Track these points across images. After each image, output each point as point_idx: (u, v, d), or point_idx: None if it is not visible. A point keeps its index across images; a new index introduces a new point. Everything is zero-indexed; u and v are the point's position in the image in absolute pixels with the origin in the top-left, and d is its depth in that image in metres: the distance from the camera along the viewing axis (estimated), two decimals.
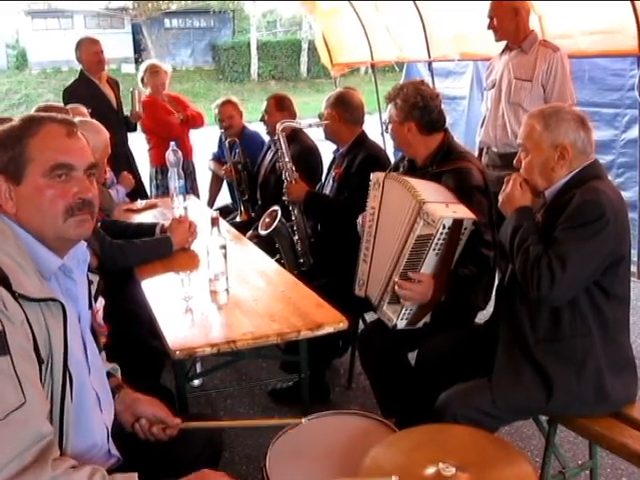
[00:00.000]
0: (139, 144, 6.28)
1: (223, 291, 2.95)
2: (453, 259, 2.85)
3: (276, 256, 4.06)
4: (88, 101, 4.90)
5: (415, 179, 2.98)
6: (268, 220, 4.07)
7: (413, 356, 3.07)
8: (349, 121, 4.01)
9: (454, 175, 3.03)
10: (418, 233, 2.73)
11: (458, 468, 1.72)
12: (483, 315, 3.13)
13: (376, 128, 4.39)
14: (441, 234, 2.70)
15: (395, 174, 3.13)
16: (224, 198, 6.31)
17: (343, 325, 2.62)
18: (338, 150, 4.16)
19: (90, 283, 2.02)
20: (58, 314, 1.68)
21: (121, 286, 3.34)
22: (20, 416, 1.50)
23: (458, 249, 2.83)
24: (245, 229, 4.68)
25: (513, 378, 2.46)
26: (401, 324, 2.93)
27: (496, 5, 4.61)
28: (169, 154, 4.70)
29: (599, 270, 2.34)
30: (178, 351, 2.41)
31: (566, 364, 2.40)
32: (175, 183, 4.54)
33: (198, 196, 6.03)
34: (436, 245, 2.74)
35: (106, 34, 24.84)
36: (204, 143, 7.18)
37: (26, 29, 30.81)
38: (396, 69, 9.03)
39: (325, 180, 4.29)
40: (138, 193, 5.45)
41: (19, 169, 1.72)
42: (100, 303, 2.14)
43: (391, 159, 4.16)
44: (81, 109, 4.38)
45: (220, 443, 2.34)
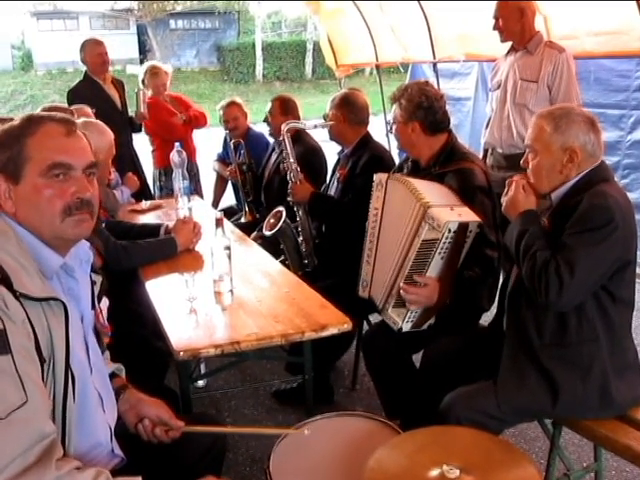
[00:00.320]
0: (142, 146, 6.28)
1: (227, 292, 2.95)
2: (458, 262, 2.84)
3: (281, 257, 4.06)
4: (92, 102, 4.92)
5: (418, 180, 2.96)
6: (273, 221, 4.06)
7: (417, 358, 3.07)
8: (354, 122, 4.00)
9: (457, 175, 3.02)
10: (423, 237, 2.71)
11: (462, 470, 1.71)
12: (487, 316, 3.12)
13: (381, 129, 4.37)
14: (446, 238, 2.68)
15: (398, 175, 3.12)
16: (229, 199, 6.31)
17: (347, 326, 2.62)
18: (343, 151, 4.15)
19: (93, 283, 2.02)
20: (60, 313, 1.68)
21: (125, 286, 3.33)
22: (22, 415, 1.50)
23: (463, 252, 2.82)
24: (250, 230, 4.67)
25: (518, 382, 2.44)
26: (406, 327, 2.92)
27: (502, 6, 4.60)
28: (174, 155, 4.70)
29: (607, 275, 2.32)
30: (182, 352, 2.41)
31: (572, 369, 2.39)
32: (180, 184, 4.54)
33: (202, 197, 6.04)
34: (441, 249, 2.72)
35: (111, 35, 24.94)
36: (209, 144, 7.18)
37: (32, 30, 30.89)
38: (401, 70, 9.00)
39: (330, 181, 4.29)
40: (143, 194, 5.45)
41: (17, 169, 1.72)
42: (104, 303, 2.13)
43: (396, 160, 4.15)
44: (86, 110, 4.39)
45: (224, 445, 2.34)
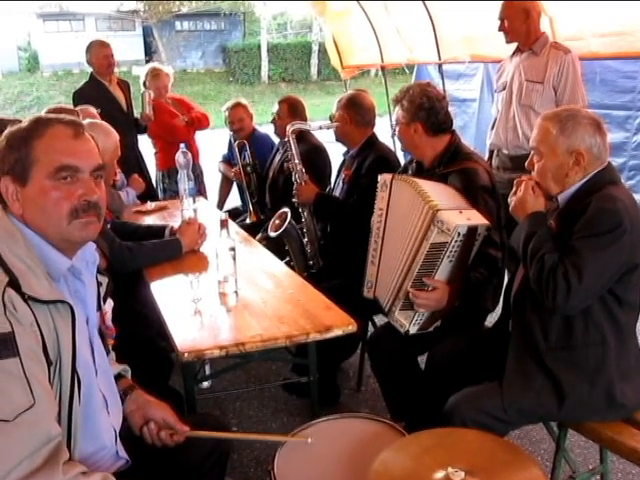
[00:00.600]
0: (145, 148, 6.27)
1: (232, 293, 2.95)
2: (467, 264, 2.83)
3: (286, 258, 4.06)
4: (98, 103, 4.93)
5: (424, 180, 2.96)
6: (278, 222, 4.06)
7: (422, 359, 3.06)
8: (360, 123, 4.00)
9: (460, 175, 3.03)
10: (432, 241, 2.70)
11: (467, 472, 1.71)
12: (492, 317, 3.12)
13: (386, 130, 4.36)
14: (456, 242, 2.67)
15: (403, 175, 3.12)
16: (234, 200, 6.31)
17: (352, 328, 2.61)
18: (348, 152, 4.15)
19: (99, 285, 2.02)
20: (67, 316, 1.68)
21: (130, 287, 3.33)
22: (29, 417, 1.50)
23: (471, 255, 2.81)
24: (255, 231, 4.67)
25: (524, 384, 2.43)
26: (413, 330, 2.92)
27: (507, 7, 4.59)
28: (179, 156, 4.70)
29: (614, 278, 2.31)
30: (187, 353, 2.41)
31: (578, 372, 2.38)
32: (185, 185, 4.53)
33: (206, 198, 6.03)
34: (450, 253, 2.71)
35: (117, 36, 25.01)
36: (214, 145, 7.18)
37: (38, 32, 30.95)
38: (406, 71, 9.01)
39: (335, 182, 4.29)
40: (148, 195, 5.45)
41: (25, 170, 1.72)
42: (109, 305, 2.13)
43: (401, 161, 4.15)
44: (91, 110, 4.40)
45: (228, 445, 2.34)
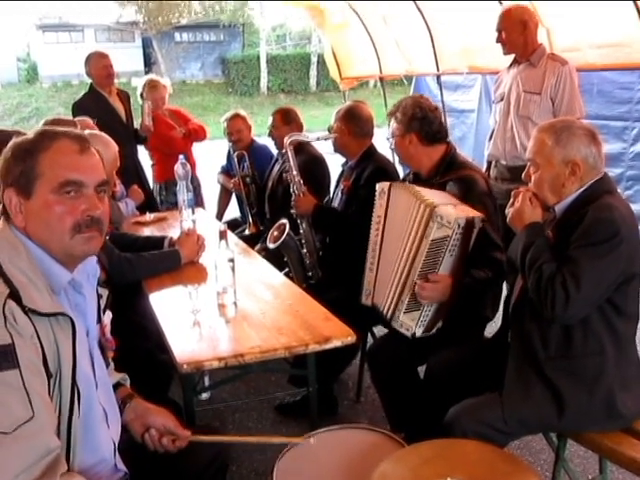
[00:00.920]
0: (143, 160, 6.27)
1: (231, 304, 2.95)
2: (466, 258, 2.86)
3: (285, 269, 4.06)
4: (97, 114, 4.92)
5: (419, 187, 3.01)
6: (276, 233, 4.07)
7: (422, 370, 3.06)
8: (358, 134, 4.01)
9: (459, 184, 3.07)
10: (432, 237, 2.74)
11: None
12: (492, 328, 3.12)
13: (385, 141, 4.37)
14: (456, 234, 2.72)
15: (400, 182, 3.16)
16: (233, 211, 6.32)
17: (351, 339, 2.61)
18: (347, 163, 4.16)
19: (99, 297, 2.02)
20: (67, 329, 1.68)
21: (129, 299, 3.33)
22: (28, 430, 1.50)
23: (469, 248, 2.84)
24: (254, 242, 4.68)
25: (523, 394, 2.43)
26: (419, 331, 2.94)
27: (505, 18, 4.62)
28: (178, 167, 4.69)
29: (612, 288, 2.32)
30: (186, 365, 2.41)
31: (577, 382, 2.38)
32: (184, 196, 4.53)
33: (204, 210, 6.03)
34: (452, 247, 2.76)
35: (117, 48, 25.08)
36: (213, 156, 7.19)
37: (37, 43, 31.05)
38: (405, 82, 9.04)
39: (334, 193, 4.30)
40: (148, 206, 5.44)
41: (29, 183, 1.72)
42: (108, 317, 2.13)
43: (400, 174, 4.16)
44: (89, 122, 4.40)
45: (227, 457, 2.34)
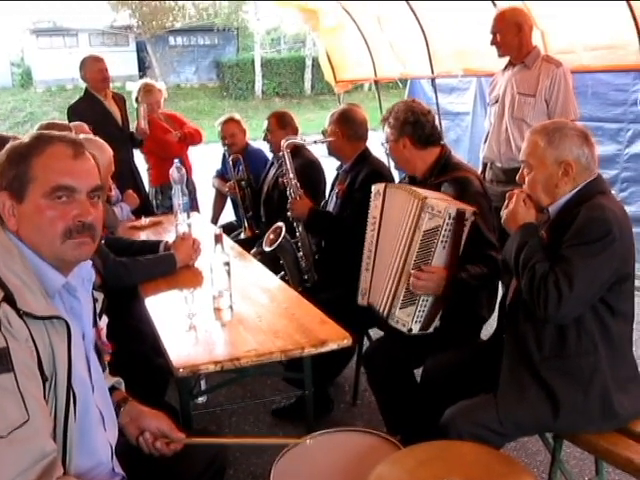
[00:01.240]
0: (138, 164, 6.26)
1: (227, 308, 2.95)
2: (459, 253, 2.88)
3: (280, 273, 4.06)
4: (93, 119, 4.92)
5: (415, 187, 3.06)
6: (272, 236, 4.07)
7: (418, 372, 3.07)
8: (352, 137, 4.02)
9: (454, 185, 3.10)
10: (424, 228, 2.79)
11: None
12: (487, 331, 3.13)
13: (380, 144, 4.38)
14: (447, 225, 2.76)
15: (395, 183, 3.19)
16: (229, 215, 6.32)
17: (347, 342, 2.62)
18: (342, 166, 4.17)
19: (95, 301, 2.02)
20: (62, 332, 1.68)
21: (125, 303, 3.33)
22: (23, 434, 1.50)
23: (462, 243, 2.87)
24: (249, 246, 4.67)
25: (518, 395, 2.44)
26: (416, 328, 2.95)
27: (499, 21, 4.64)
28: (173, 171, 4.70)
29: (605, 287, 2.33)
30: (182, 368, 2.41)
31: (572, 381, 2.39)
32: (179, 200, 4.53)
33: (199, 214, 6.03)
34: (443, 237, 2.80)
35: (111, 52, 24.99)
36: (208, 160, 7.18)
37: (31, 47, 30.98)
38: (399, 85, 9.06)
39: (329, 196, 4.30)
40: (144, 210, 5.44)
41: (22, 187, 1.72)
42: (103, 321, 2.13)
43: (395, 178, 4.17)
44: (84, 127, 4.39)
45: (224, 461, 2.33)
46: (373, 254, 3.16)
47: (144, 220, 4.87)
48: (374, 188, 3.20)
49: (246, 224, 5.43)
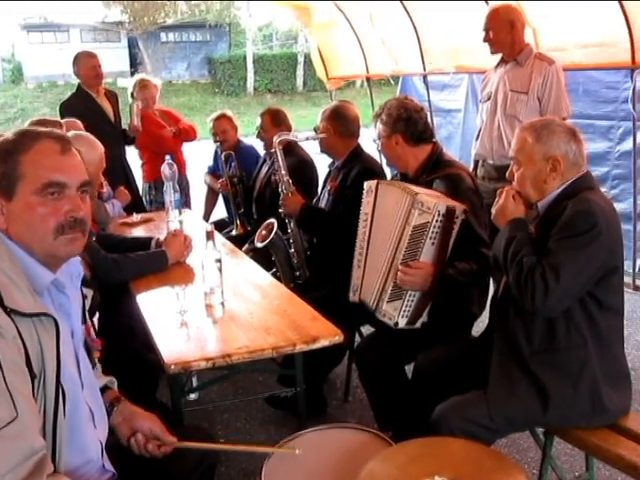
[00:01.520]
0: (132, 160, 6.24)
1: (218, 305, 2.94)
2: (448, 250, 2.90)
3: (272, 269, 4.06)
4: (85, 115, 4.91)
5: (407, 184, 3.08)
6: (264, 232, 4.07)
7: (409, 369, 3.07)
8: (344, 134, 4.02)
9: (445, 181, 3.11)
10: (414, 224, 2.82)
11: None
12: (479, 327, 3.13)
13: (372, 141, 4.38)
14: (437, 221, 2.78)
15: (387, 180, 3.20)
16: (220, 212, 6.31)
17: (339, 338, 2.62)
18: (334, 163, 4.16)
19: (84, 298, 2.01)
20: (51, 329, 1.67)
21: (116, 300, 3.33)
22: (12, 431, 1.49)
23: (451, 240, 2.88)
24: (241, 243, 4.67)
25: (508, 390, 2.45)
26: (402, 322, 2.97)
27: (492, 18, 4.65)
28: (164, 168, 4.69)
29: (592, 280, 2.35)
30: (173, 365, 2.40)
31: (562, 375, 2.40)
32: (171, 197, 4.53)
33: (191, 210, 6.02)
34: (432, 233, 2.82)
35: (102, 48, 24.91)
36: (200, 157, 7.17)
37: (22, 43, 30.85)
38: (391, 82, 9.05)
39: (321, 194, 4.30)
40: (135, 206, 5.42)
41: (11, 185, 1.71)
42: (94, 317, 2.13)
43: (386, 172, 4.17)
44: (77, 124, 4.38)
45: (216, 458, 2.33)
46: (365, 251, 3.17)
47: (135, 217, 4.85)
48: (366, 185, 3.21)
49: (238, 221, 5.42)
